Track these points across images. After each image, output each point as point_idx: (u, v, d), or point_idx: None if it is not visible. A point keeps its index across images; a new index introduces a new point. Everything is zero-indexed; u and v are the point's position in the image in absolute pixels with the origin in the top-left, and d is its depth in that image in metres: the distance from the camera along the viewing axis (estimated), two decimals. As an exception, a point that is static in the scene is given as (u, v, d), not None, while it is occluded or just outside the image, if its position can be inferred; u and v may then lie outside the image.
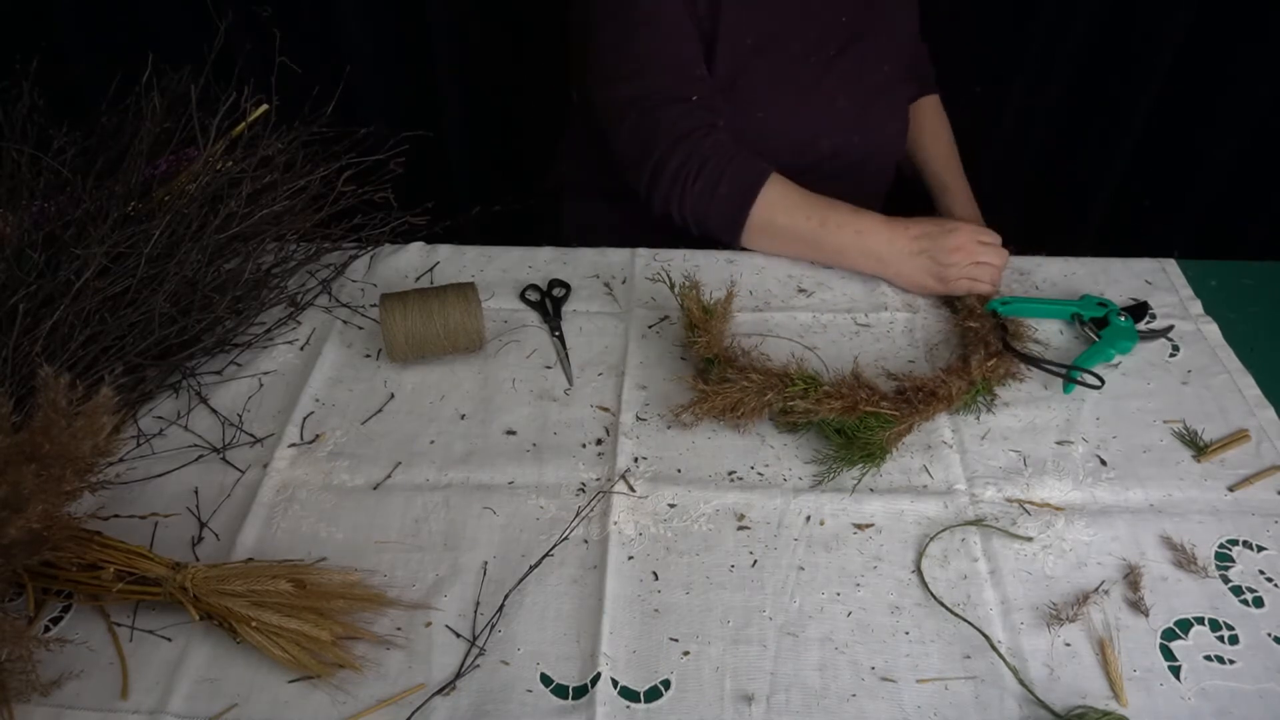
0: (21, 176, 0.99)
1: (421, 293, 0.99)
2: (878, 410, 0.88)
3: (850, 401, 0.89)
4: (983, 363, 0.95)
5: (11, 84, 1.05)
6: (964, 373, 0.94)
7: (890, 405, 0.89)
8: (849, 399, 0.89)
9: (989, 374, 0.95)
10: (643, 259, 1.16)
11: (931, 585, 0.80)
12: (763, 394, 0.90)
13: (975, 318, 1.02)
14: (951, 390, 0.92)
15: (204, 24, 1.19)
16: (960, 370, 0.95)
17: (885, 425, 0.88)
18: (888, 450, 0.90)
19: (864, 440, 0.88)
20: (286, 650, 0.72)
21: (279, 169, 1.07)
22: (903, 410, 0.89)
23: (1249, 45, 1.44)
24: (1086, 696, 0.72)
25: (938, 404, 0.92)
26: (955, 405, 0.93)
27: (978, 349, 0.98)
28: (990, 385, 0.95)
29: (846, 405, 0.88)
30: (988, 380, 0.95)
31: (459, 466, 0.90)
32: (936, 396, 0.92)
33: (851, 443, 0.89)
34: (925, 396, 0.91)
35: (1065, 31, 1.48)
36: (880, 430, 0.88)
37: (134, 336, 0.92)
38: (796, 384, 0.90)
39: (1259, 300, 1.10)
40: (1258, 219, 1.62)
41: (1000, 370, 0.96)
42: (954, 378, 0.93)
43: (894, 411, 0.89)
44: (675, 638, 0.76)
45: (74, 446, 0.70)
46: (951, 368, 0.97)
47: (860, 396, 0.89)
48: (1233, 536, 0.84)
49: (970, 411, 0.95)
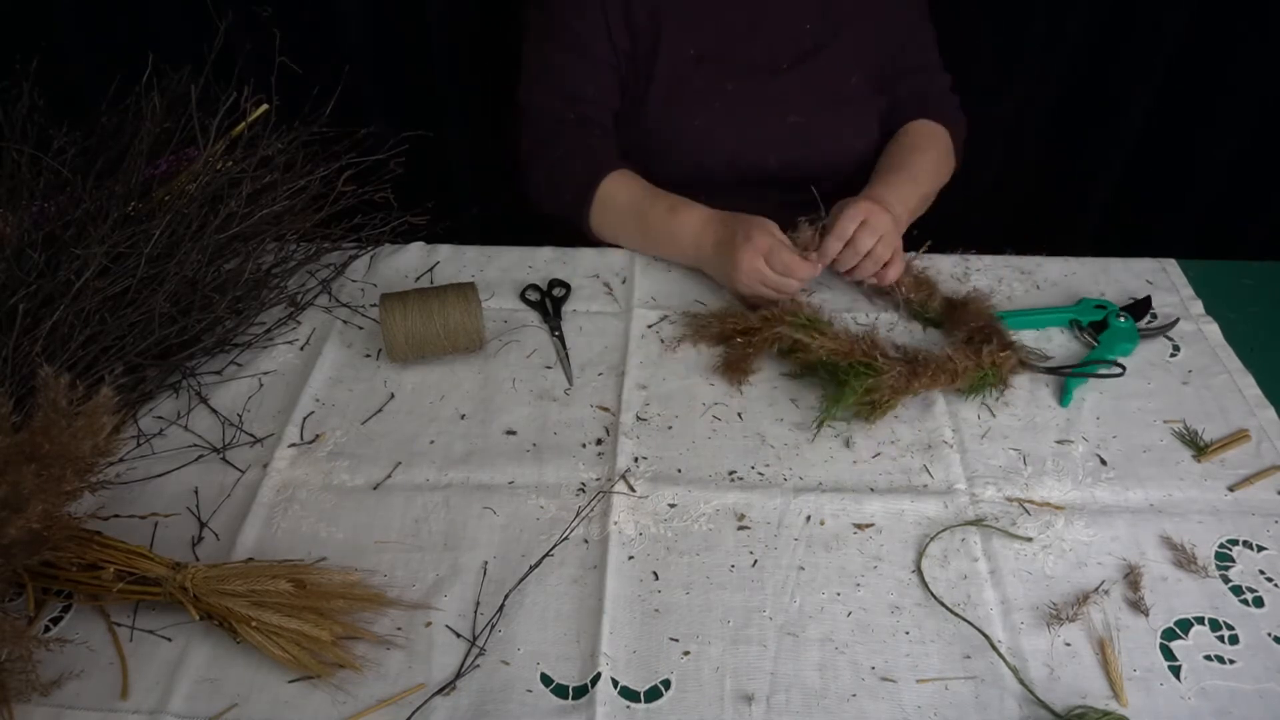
0: (21, 176, 0.99)
1: (421, 293, 0.99)
2: (870, 361, 0.92)
3: (845, 347, 0.94)
4: (995, 351, 0.95)
5: (11, 84, 1.05)
6: (973, 355, 0.95)
7: (886, 362, 0.92)
8: (844, 343, 0.94)
9: (1000, 363, 0.95)
10: (642, 259, 1.16)
11: (931, 585, 0.80)
12: (774, 325, 0.97)
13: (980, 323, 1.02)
14: (957, 367, 0.93)
15: (204, 24, 1.19)
16: (969, 353, 0.95)
17: (875, 374, 0.92)
18: (880, 407, 0.92)
19: (854, 386, 0.92)
20: (286, 650, 0.72)
21: (279, 169, 1.07)
22: (899, 368, 0.92)
23: (1249, 45, 1.44)
24: (1086, 696, 0.72)
25: (941, 375, 0.93)
26: (960, 383, 0.94)
27: (991, 339, 0.97)
28: (1002, 374, 0.95)
29: (841, 348, 0.93)
30: (998, 368, 0.95)
31: (459, 466, 0.90)
32: (942, 369, 0.93)
33: (844, 388, 0.92)
34: (930, 367, 0.94)
35: (1065, 31, 1.48)
36: (864, 377, 0.91)
37: (134, 336, 0.92)
38: (800, 317, 0.97)
39: (1259, 300, 1.10)
40: (1258, 219, 1.62)
41: (1011, 362, 0.96)
42: (962, 356, 0.94)
43: (885, 365, 0.92)
44: (675, 638, 0.76)
45: (74, 446, 0.70)
46: (959, 349, 0.97)
47: (858, 346, 0.94)
48: (1233, 536, 0.84)
49: (976, 397, 0.96)
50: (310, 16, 1.42)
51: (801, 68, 1.17)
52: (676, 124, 1.17)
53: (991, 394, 0.96)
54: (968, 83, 1.28)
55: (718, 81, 1.16)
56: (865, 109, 1.21)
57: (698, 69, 1.16)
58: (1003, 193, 1.68)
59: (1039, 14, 1.46)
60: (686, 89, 1.16)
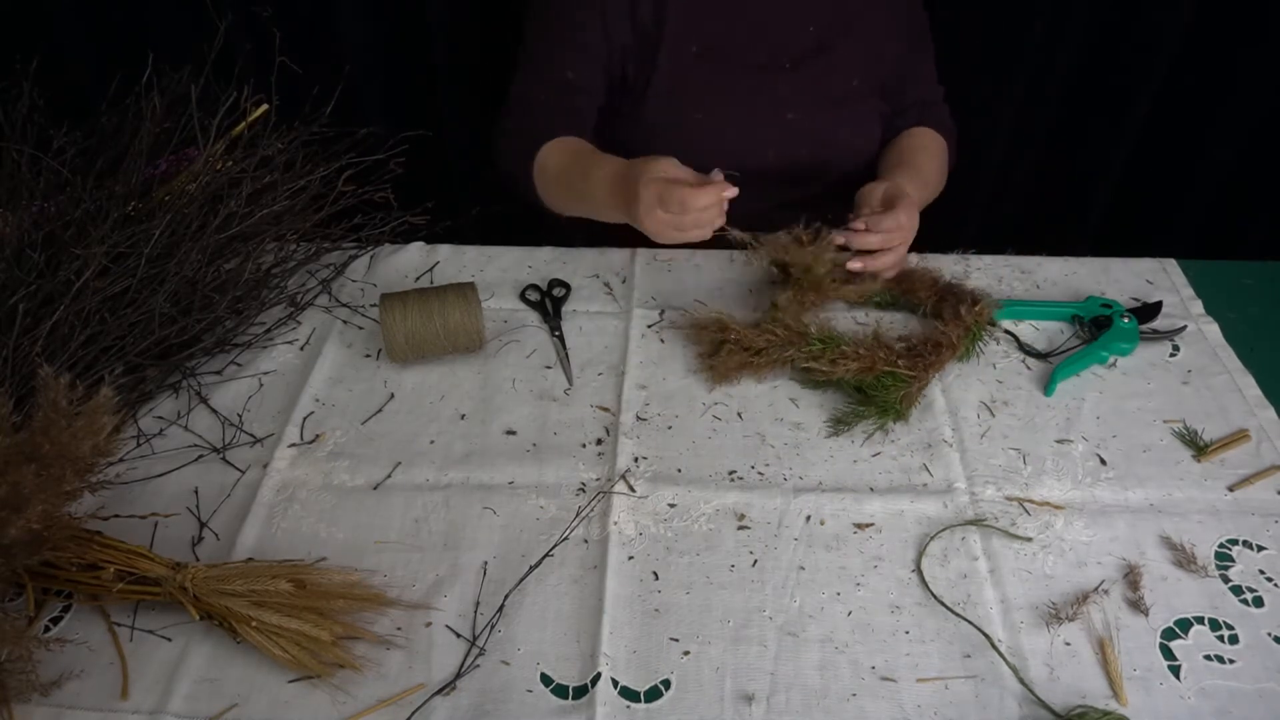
0: (21, 176, 0.99)
1: (421, 293, 0.99)
2: (895, 369, 0.94)
3: (868, 362, 0.95)
4: (970, 308, 1.01)
5: (11, 84, 1.05)
6: (958, 322, 1.00)
7: (907, 364, 0.95)
8: (866, 359, 0.95)
9: (979, 317, 1.01)
10: (643, 259, 1.16)
11: (931, 585, 0.80)
12: (784, 349, 0.97)
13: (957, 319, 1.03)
14: (953, 337, 0.98)
15: (204, 24, 1.19)
16: (954, 321, 1.00)
17: (901, 384, 0.94)
18: (906, 409, 0.94)
19: (881, 399, 0.94)
20: (286, 650, 0.72)
21: (279, 169, 1.07)
22: (917, 367, 0.95)
23: (1249, 46, 1.44)
24: (1086, 696, 0.72)
25: (944, 353, 0.98)
26: (959, 353, 0.99)
27: (964, 300, 1.03)
28: (983, 324, 1.02)
29: (864, 365, 0.95)
30: (979, 323, 1.01)
31: (459, 466, 0.90)
32: (941, 346, 0.97)
33: (870, 400, 0.95)
34: (932, 348, 0.97)
35: (1065, 32, 1.48)
36: (896, 388, 0.94)
37: (134, 336, 0.92)
38: (815, 343, 0.97)
39: (1259, 300, 1.10)
40: (1258, 219, 1.62)
41: (988, 311, 1.02)
42: (951, 327, 0.99)
43: (910, 372, 0.95)
44: (675, 638, 0.76)
45: (74, 446, 0.70)
46: (946, 320, 1.01)
47: (879, 356, 0.95)
48: (1233, 536, 0.84)
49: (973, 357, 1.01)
50: (310, 16, 1.42)
51: (803, 68, 1.18)
52: (676, 120, 1.17)
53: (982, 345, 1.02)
54: (968, 83, 1.29)
55: (718, 78, 1.16)
56: (865, 110, 1.21)
57: (699, 65, 1.16)
58: (1003, 193, 1.68)
59: (1039, 14, 1.46)
60: (687, 85, 1.16)
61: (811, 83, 1.18)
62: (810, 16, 1.18)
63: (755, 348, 0.98)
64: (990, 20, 1.47)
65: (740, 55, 1.17)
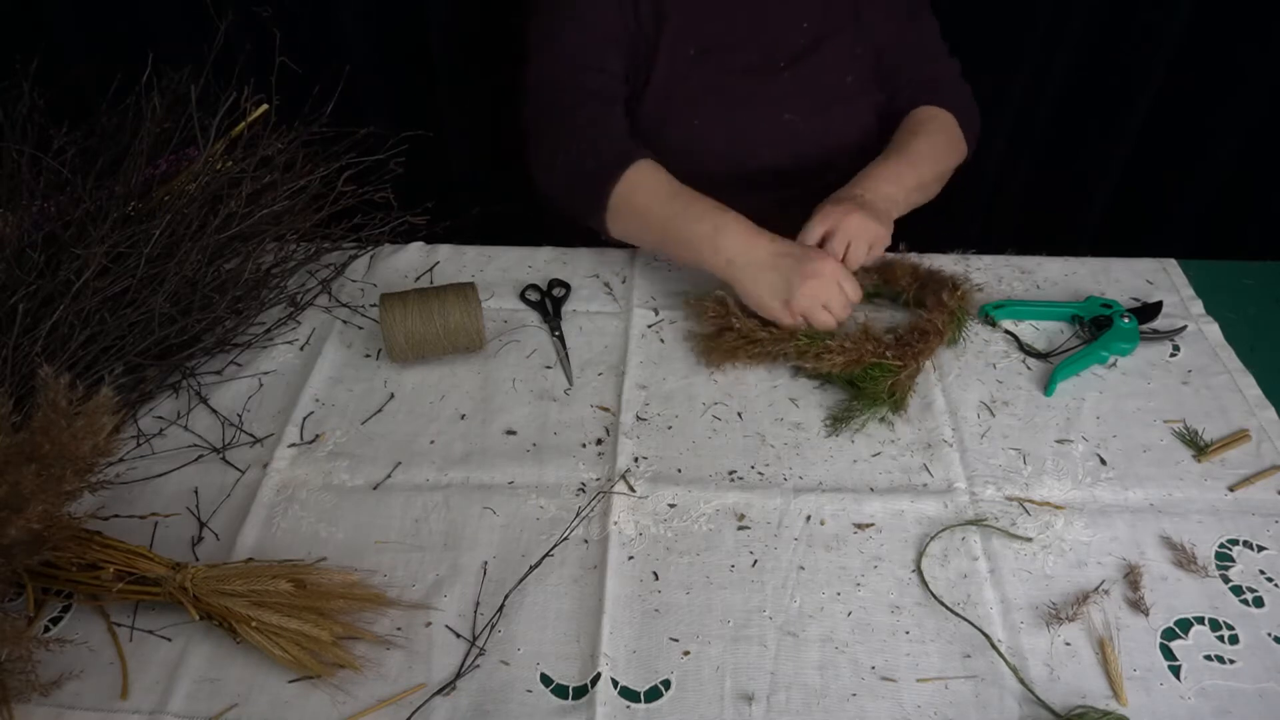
0: (21, 176, 0.99)
1: (421, 293, 0.99)
2: (881, 360, 0.95)
3: (855, 355, 0.95)
4: (952, 293, 1.03)
5: (11, 84, 1.05)
6: (941, 308, 1.02)
7: (895, 354, 0.96)
8: (853, 352, 0.95)
9: (961, 300, 1.03)
10: (643, 259, 1.16)
11: (931, 585, 0.80)
12: (778, 344, 0.98)
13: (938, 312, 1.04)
14: (938, 323, 1.00)
15: (204, 24, 1.19)
16: (938, 307, 1.02)
17: (889, 374, 0.94)
18: (901, 399, 0.95)
19: (871, 390, 0.95)
20: (286, 650, 0.72)
21: (279, 169, 1.07)
22: (905, 356, 0.95)
23: (1249, 45, 1.44)
24: (1086, 696, 0.72)
25: (932, 340, 0.99)
26: (947, 338, 1.01)
27: (944, 285, 1.04)
28: (965, 311, 1.04)
29: (850, 359, 0.95)
30: (962, 306, 1.03)
31: (459, 466, 0.90)
32: (929, 333, 0.99)
33: (861, 393, 0.95)
34: (919, 336, 0.98)
35: (1065, 32, 1.48)
36: (884, 379, 0.94)
37: (134, 336, 0.92)
38: (801, 339, 0.97)
39: (1259, 300, 1.10)
40: (1258, 219, 1.61)
41: (969, 296, 1.05)
42: (935, 313, 1.01)
43: (898, 361, 0.95)
44: (675, 638, 0.76)
45: (74, 446, 0.70)
46: (929, 308, 1.03)
47: (866, 349, 0.95)
48: (1233, 536, 0.84)
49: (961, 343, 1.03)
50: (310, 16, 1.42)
51: (798, 66, 1.18)
52: (673, 120, 1.16)
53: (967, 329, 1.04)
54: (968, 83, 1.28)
55: (715, 79, 1.16)
56: (861, 106, 1.21)
57: (696, 66, 1.16)
58: (1003, 193, 1.68)
59: (1039, 14, 1.46)
60: (684, 86, 1.16)
61: (808, 82, 1.18)
62: (804, 13, 1.18)
63: (754, 337, 0.99)
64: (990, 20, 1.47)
65: (737, 56, 1.17)
